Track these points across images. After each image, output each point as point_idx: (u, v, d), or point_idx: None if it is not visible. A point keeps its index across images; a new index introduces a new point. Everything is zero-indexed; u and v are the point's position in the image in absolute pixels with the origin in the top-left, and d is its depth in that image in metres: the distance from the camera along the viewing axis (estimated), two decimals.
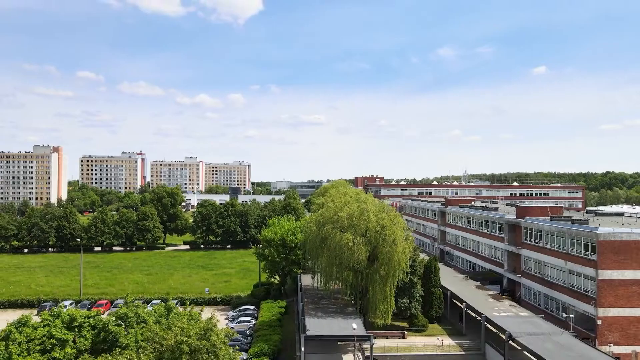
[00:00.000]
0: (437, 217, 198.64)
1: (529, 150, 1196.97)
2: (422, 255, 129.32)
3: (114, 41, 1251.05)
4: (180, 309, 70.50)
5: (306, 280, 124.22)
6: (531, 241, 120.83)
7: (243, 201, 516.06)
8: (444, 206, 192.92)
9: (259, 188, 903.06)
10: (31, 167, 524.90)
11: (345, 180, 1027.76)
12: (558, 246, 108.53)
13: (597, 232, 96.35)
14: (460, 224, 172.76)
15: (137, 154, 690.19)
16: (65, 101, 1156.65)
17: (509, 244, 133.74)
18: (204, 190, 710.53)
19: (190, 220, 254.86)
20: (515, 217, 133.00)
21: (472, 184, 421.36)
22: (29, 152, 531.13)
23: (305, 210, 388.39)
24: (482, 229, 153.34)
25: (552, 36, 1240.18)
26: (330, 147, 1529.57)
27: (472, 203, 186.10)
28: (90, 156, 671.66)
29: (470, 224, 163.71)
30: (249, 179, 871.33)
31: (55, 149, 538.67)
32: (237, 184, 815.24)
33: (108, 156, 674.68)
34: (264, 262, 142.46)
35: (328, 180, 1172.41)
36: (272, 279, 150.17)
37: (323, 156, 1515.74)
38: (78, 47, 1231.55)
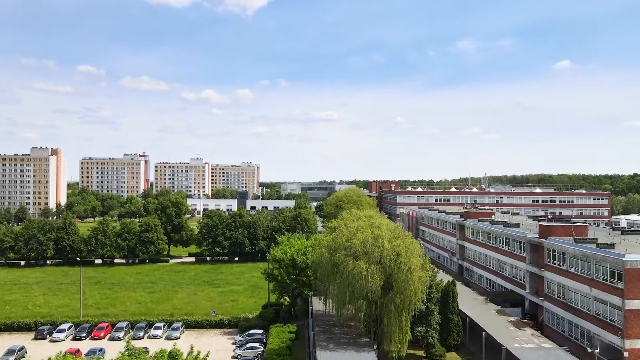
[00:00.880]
0: (455, 230, 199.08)
1: (551, 149, 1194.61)
2: (439, 276, 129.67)
3: (116, 34, 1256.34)
4: (185, 354, 70.05)
5: (317, 304, 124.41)
6: (554, 263, 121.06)
7: (251, 206, 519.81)
8: (462, 219, 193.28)
9: (268, 190, 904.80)
10: (28, 171, 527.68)
11: (359, 183, 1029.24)
12: (582, 271, 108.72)
13: (623, 259, 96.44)
14: (479, 240, 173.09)
15: (140, 156, 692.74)
16: (65, 97, 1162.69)
17: (531, 264, 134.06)
18: (210, 194, 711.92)
19: (196, 231, 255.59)
20: (537, 236, 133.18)
21: (492, 190, 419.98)
22: (26, 154, 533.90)
23: (317, 217, 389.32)
24: (502, 247, 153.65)
25: (576, 29, 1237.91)
26: (343, 144, 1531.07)
27: (493, 216, 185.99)
28: (90, 158, 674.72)
29: (490, 240, 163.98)
30: (257, 181, 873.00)
31: (54, 151, 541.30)
32: (245, 186, 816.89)
33: (109, 158, 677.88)
34: (273, 282, 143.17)
35: (340, 182, 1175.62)
36: (282, 300, 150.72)
37: (335, 154, 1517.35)
38: (78, 40, 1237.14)
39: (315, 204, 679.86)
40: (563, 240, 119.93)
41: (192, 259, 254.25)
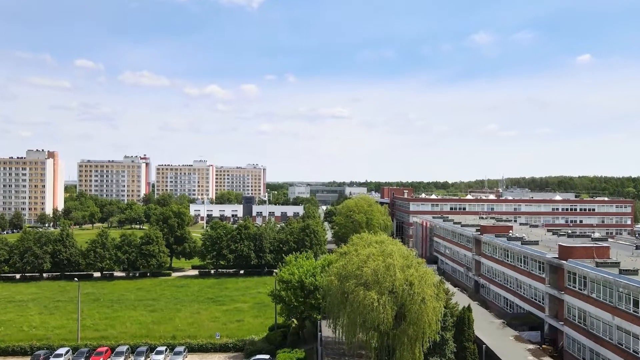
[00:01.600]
0: (471, 244, 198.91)
1: (571, 147, 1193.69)
2: (455, 298, 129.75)
3: (115, 26, 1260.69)
4: None
5: (326, 329, 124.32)
6: (575, 287, 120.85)
7: (257, 212, 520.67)
8: (478, 233, 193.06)
9: (275, 193, 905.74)
10: (24, 175, 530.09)
11: (370, 185, 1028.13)
12: (605, 297, 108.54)
13: None
14: (496, 256, 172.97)
15: (141, 158, 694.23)
16: (62, 92, 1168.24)
17: (550, 286, 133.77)
18: (214, 197, 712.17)
19: (200, 243, 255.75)
20: (557, 256, 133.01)
21: (510, 196, 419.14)
22: (22, 157, 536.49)
23: (326, 225, 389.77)
24: (520, 266, 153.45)
25: (598, 21, 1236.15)
26: (353, 143, 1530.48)
27: (511, 231, 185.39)
28: (89, 161, 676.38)
29: (507, 257, 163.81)
30: (264, 184, 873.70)
31: (51, 154, 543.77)
32: (251, 189, 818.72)
33: (109, 161, 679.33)
34: (280, 304, 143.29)
35: (351, 183, 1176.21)
36: (290, 322, 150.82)
37: (345, 153, 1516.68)
38: (76, 33, 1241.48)
39: (324, 207, 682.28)
40: (584, 264, 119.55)
41: (196, 272, 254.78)
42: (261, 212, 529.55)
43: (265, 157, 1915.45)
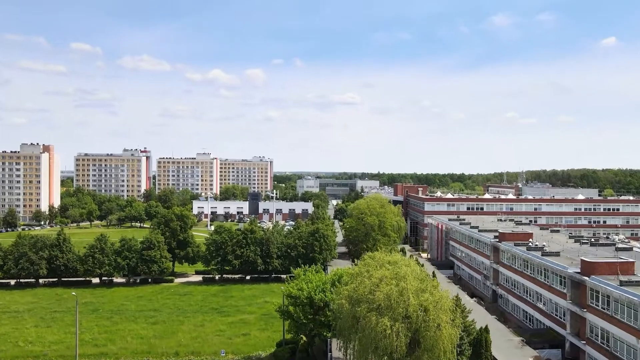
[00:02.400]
0: (488, 251, 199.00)
1: (594, 136, 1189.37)
2: (471, 315, 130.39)
3: (113, 8, 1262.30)
4: None
5: (337, 350, 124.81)
6: (598, 305, 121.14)
7: (264, 209, 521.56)
8: (497, 240, 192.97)
9: (282, 186, 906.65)
10: (18, 170, 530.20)
11: (383, 178, 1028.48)
12: (629, 319, 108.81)
13: None
14: (516, 266, 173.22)
15: (141, 152, 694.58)
16: (57, 77, 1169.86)
17: (572, 302, 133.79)
18: (219, 192, 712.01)
19: (204, 248, 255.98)
20: (579, 271, 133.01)
21: (530, 194, 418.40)
22: (15, 151, 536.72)
23: (336, 224, 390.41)
24: (541, 278, 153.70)
25: (623, 2, 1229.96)
26: (365, 131, 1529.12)
27: (531, 240, 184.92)
28: (86, 154, 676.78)
29: (527, 268, 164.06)
30: (270, 177, 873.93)
31: (46, 148, 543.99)
32: (257, 183, 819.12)
33: (107, 154, 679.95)
34: (288, 320, 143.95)
35: (363, 175, 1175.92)
36: (299, 337, 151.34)
37: (356, 142, 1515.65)
38: (71, 15, 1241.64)
39: (334, 202, 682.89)
40: (607, 282, 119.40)
41: (199, 278, 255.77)
42: (268, 209, 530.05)
43: (272, 145, 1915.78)
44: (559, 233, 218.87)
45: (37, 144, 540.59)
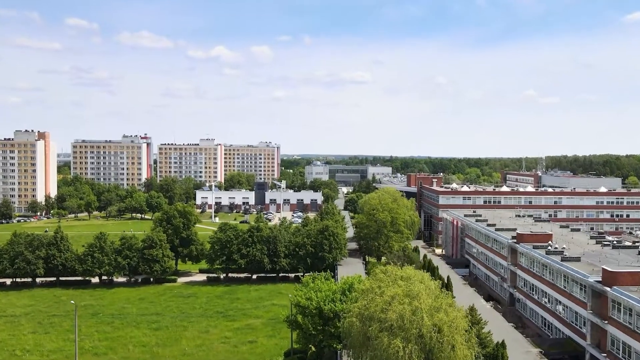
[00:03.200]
0: (506, 252, 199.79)
1: (617, 117, 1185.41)
2: (487, 317, 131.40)
3: None
4: None
5: None
6: (619, 318, 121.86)
7: (271, 199, 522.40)
8: (514, 241, 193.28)
9: (290, 171, 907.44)
10: (12, 158, 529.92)
11: (396, 162, 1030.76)
12: None
13: None
14: (534, 270, 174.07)
15: (142, 138, 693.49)
16: (52, 55, 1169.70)
17: (592, 313, 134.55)
18: (223, 179, 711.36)
19: (208, 246, 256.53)
20: (600, 280, 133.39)
21: (549, 184, 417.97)
22: (9, 138, 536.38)
23: (347, 216, 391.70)
24: (560, 285, 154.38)
25: None
26: (377, 111, 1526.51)
27: (550, 242, 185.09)
28: (84, 141, 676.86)
29: (546, 273, 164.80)
30: (277, 164, 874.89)
31: (41, 135, 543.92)
32: (264, 170, 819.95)
33: (105, 141, 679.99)
34: (296, 331, 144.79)
35: (374, 160, 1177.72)
36: (308, 347, 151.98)
37: (367, 122, 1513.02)
38: None
39: (345, 190, 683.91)
40: (629, 295, 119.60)
41: (204, 277, 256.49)
42: (275, 200, 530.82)
43: (280, 125, 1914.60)
44: (580, 232, 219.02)
45: (32, 130, 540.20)
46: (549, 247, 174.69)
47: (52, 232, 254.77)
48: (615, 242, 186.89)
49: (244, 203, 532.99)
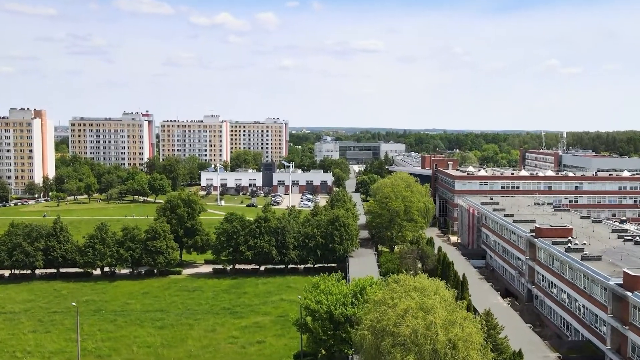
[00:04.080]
0: (524, 246, 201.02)
1: None
2: (504, 317, 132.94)
3: None
4: None
5: None
6: None
7: (279, 181, 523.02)
8: (533, 235, 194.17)
9: (298, 148, 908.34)
10: (7, 138, 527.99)
11: (410, 138, 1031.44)
12: None
13: None
14: (553, 268, 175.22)
15: (143, 115, 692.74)
16: (47, 21, 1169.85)
17: (613, 317, 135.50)
18: (229, 159, 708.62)
19: (213, 237, 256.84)
20: (621, 284, 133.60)
21: (570, 170, 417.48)
22: (4, 117, 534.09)
23: (358, 198, 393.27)
24: (580, 285, 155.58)
25: None
26: (390, 81, 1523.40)
27: (570, 237, 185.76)
28: (82, 118, 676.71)
29: (565, 272, 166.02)
30: (286, 141, 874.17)
31: (37, 113, 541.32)
32: (271, 147, 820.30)
33: (105, 118, 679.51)
34: (306, 334, 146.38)
35: (387, 136, 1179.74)
36: (318, 350, 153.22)
37: (380, 94, 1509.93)
38: None
39: (357, 168, 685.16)
40: None
41: (209, 268, 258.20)
42: (283, 181, 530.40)
43: (287, 96, 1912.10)
44: (601, 224, 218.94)
45: (28, 109, 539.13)
46: (569, 244, 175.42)
47: (50, 216, 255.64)
48: (638, 237, 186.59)
49: (250, 185, 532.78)
